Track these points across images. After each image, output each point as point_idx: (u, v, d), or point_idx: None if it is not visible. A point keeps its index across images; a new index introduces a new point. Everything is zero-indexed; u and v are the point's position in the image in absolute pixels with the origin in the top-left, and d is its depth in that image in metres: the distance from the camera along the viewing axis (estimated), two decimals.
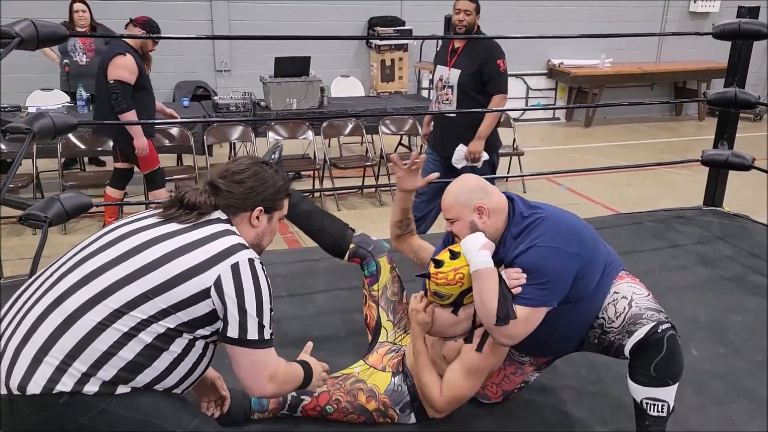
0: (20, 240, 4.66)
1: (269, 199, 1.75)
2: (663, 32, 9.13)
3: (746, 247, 3.55)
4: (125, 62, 4.20)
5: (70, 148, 5.17)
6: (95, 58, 5.96)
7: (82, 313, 1.49)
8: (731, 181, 4.15)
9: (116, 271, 1.54)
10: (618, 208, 5.35)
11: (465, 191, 2.00)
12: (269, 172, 1.77)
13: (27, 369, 1.46)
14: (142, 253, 1.57)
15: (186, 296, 1.53)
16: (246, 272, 1.58)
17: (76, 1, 5.82)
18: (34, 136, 2.51)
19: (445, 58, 3.99)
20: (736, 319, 2.83)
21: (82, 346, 1.47)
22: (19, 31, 2.35)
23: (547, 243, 1.90)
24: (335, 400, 2.07)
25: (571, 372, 2.41)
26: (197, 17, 7.22)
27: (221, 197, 1.69)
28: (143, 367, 1.52)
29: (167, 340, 1.54)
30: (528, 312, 1.88)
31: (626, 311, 1.95)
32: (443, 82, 3.98)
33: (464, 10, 3.86)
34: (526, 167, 6.22)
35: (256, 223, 1.74)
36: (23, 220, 2.60)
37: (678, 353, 1.89)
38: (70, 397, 1.46)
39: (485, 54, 3.87)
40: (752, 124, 9.17)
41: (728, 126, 4.00)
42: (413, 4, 8.03)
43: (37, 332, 1.49)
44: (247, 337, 1.57)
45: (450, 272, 1.95)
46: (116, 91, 4.16)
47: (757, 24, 3.52)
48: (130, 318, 1.50)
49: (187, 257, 1.56)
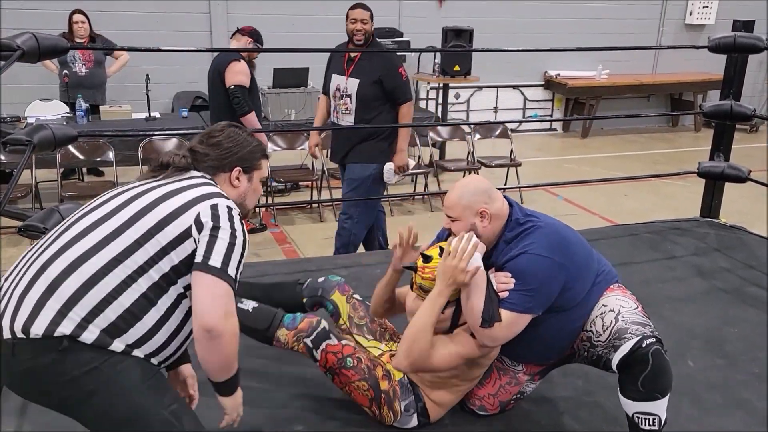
0: (18, 250, 4.65)
1: (246, 158, 1.83)
2: (659, 45, 9.20)
3: (742, 259, 3.56)
4: (241, 68, 4.42)
5: (69, 158, 5.18)
6: (94, 69, 6.00)
7: (83, 261, 1.57)
8: (728, 192, 4.17)
9: (111, 222, 1.62)
10: (615, 219, 5.37)
11: (470, 192, 2.01)
12: (243, 134, 1.86)
13: (31, 312, 1.52)
14: (132, 204, 1.65)
15: (172, 237, 1.61)
16: (224, 212, 1.66)
17: (76, 12, 5.85)
18: (34, 148, 2.52)
19: (342, 67, 3.93)
20: (733, 330, 2.84)
21: (83, 291, 1.54)
22: (20, 44, 2.36)
23: (538, 251, 1.93)
24: (357, 357, 2.09)
25: (567, 383, 2.41)
26: (196, 28, 7.25)
27: (200, 160, 1.79)
28: (136, 320, 1.57)
29: (158, 292, 1.60)
30: (512, 317, 1.91)
31: (612, 325, 1.97)
32: (341, 92, 3.94)
33: (361, 20, 3.84)
34: (523, 178, 6.24)
35: (236, 183, 1.82)
36: (22, 231, 2.60)
37: (664, 367, 1.89)
38: (69, 342, 1.51)
39: (385, 64, 3.86)
40: (748, 135, 9.21)
41: (724, 138, 4.02)
42: (411, 16, 8.07)
43: (41, 278, 1.56)
44: (209, 263, 1.60)
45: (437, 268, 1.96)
46: (237, 95, 4.37)
47: (752, 38, 3.56)
48: (126, 265, 1.57)
49: (170, 201, 1.65)
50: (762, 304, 3.07)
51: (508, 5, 8.43)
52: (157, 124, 5.70)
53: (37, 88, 6.34)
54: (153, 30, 7.02)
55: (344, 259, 3.60)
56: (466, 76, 7.00)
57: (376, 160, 3.96)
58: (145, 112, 5.79)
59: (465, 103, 8.76)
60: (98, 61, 6.05)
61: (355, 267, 3.35)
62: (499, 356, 2.15)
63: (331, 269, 3.30)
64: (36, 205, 5.06)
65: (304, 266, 3.40)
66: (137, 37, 6.74)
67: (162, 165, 1.78)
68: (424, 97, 8.37)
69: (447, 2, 8.24)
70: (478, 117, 8.78)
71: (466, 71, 6.92)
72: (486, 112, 8.87)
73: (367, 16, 3.85)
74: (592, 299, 2.04)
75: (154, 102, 5.98)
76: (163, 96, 7.15)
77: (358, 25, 3.84)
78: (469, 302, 1.91)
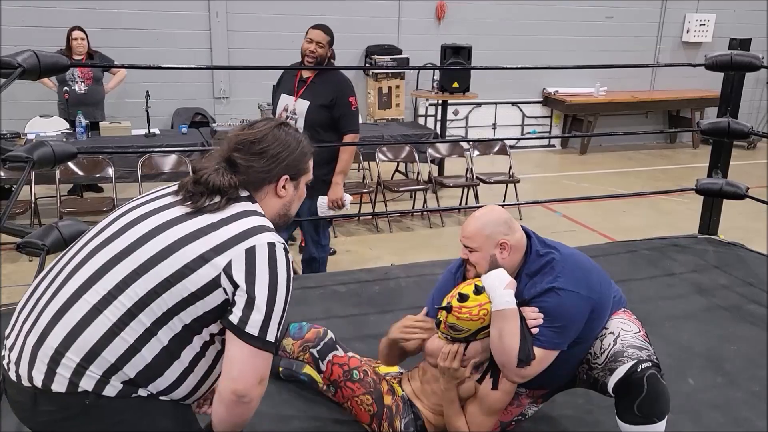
0: (16, 267, 4.64)
1: (293, 164, 1.59)
2: (656, 63, 9.25)
3: (742, 276, 3.56)
4: None
5: (69, 174, 5.18)
6: (93, 86, 6.03)
7: (99, 311, 1.42)
8: (726, 209, 4.17)
9: (127, 264, 1.44)
10: (613, 236, 5.37)
11: (491, 223, 1.97)
12: (290, 131, 1.61)
13: (49, 365, 1.41)
14: (153, 240, 1.45)
15: (195, 288, 1.41)
16: (262, 257, 1.44)
17: (75, 29, 5.88)
18: (34, 165, 2.52)
19: (292, 87, 3.75)
20: (733, 348, 2.83)
21: (101, 346, 1.41)
22: (21, 62, 2.38)
23: (566, 286, 1.92)
24: (363, 371, 2.07)
25: (568, 401, 2.40)
26: (196, 45, 7.29)
27: (241, 173, 1.53)
28: (159, 374, 1.45)
29: (181, 342, 1.45)
30: (542, 354, 1.91)
31: (610, 348, 1.96)
32: (288, 113, 3.74)
33: (317, 42, 3.64)
34: (521, 194, 6.25)
35: (282, 193, 1.60)
36: (21, 248, 2.60)
37: (660, 392, 1.87)
38: (92, 397, 1.41)
39: (338, 89, 3.71)
40: (746, 152, 9.24)
41: (722, 155, 4.04)
42: (410, 33, 8.13)
43: (55, 330, 1.43)
44: (246, 329, 1.42)
45: (475, 307, 1.92)
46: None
47: (748, 56, 3.58)
48: (145, 317, 1.41)
49: (197, 243, 1.43)
50: (761, 321, 3.06)
51: (506, 23, 8.50)
52: (156, 140, 5.71)
53: (36, 104, 6.37)
54: (153, 47, 7.07)
55: (343, 276, 3.58)
56: (465, 93, 7.03)
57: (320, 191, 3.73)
58: (145, 129, 5.81)
59: (464, 120, 8.79)
60: (97, 78, 6.08)
61: (354, 284, 3.34)
62: None
63: (330, 285, 3.30)
64: (35, 221, 5.06)
65: (302, 282, 3.39)
66: (137, 53, 6.78)
67: (197, 182, 1.51)
68: (423, 114, 8.41)
69: (445, 20, 8.30)
70: (476, 133, 8.81)
71: (464, 88, 6.95)
72: (485, 128, 8.90)
73: (325, 41, 3.66)
74: (601, 326, 2.03)
75: (154, 118, 6.00)
76: (162, 112, 7.18)
77: (313, 46, 3.65)
78: (503, 342, 1.89)
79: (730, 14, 9.40)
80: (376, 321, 2.89)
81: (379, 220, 5.83)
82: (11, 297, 3.60)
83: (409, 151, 6.09)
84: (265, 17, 7.53)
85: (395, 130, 6.75)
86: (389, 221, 5.81)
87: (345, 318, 2.96)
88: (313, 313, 3.02)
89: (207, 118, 7.31)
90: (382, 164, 6.05)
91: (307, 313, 3.02)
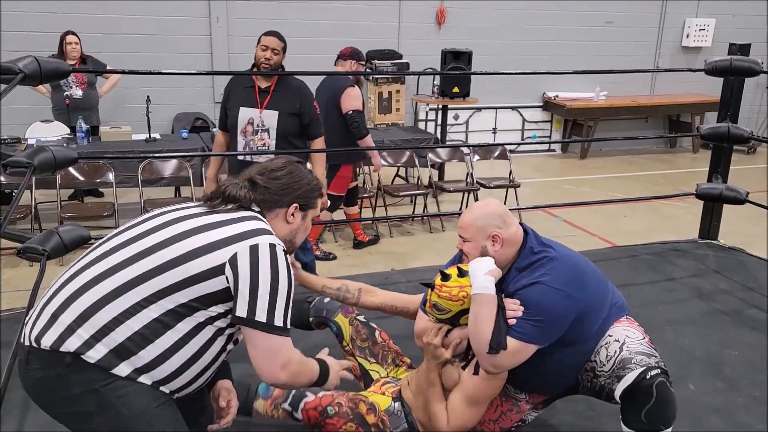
0: (16, 272, 4.65)
1: (304, 197, 1.80)
2: (656, 68, 9.26)
3: (742, 281, 3.56)
4: (357, 93, 4.72)
5: (69, 179, 5.19)
6: (88, 91, 6.03)
7: (101, 280, 1.56)
8: (726, 213, 4.18)
9: (139, 245, 1.60)
10: (614, 240, 5.37)
11: (485, 216, 2.01)
12: (304, 170, 1.83)
13: (45, 323, 1.55)
14: (165, 229, 1.62)
15: (199, 271, 1.55)
16: (265, 254, 1.58)
17: (69, 34, 5.88)
18: (35, 170, 2.53)
19: (251, 98, 3.59)
20: (733, 353, 2.83)
21: (94, 309, 1.53)
22: (22, 67, 2.38)
23: (552, 283, 1.91)
24: (337, 403, 2.08)
25: (568, 408, 2.40)
26: (197, 50, 7.31)
27: (258, 192, 1.74)
28: (147, 342, 1.53)
29: (176, 317, 1.55)
30: (518, 345, 1.90)
31: (617, 355, 1.94)
32: (255, 126, 3.60)
33: (272, 48, 3.57)
34: (522, 199, 6.25)
35: (291, 220, 1.78)
36: (22, 253, 2.60)
37: (669, 400, 1.86)
38: (73, 359, 1.50)
39: (302, 95, 3.65)
40: (746, 156, 9.25)
41: (722, 160, 4.05)
42: (410, 38, 8.14)
43: (61, 292, 1.58)
44: (255, 318, 1.56)
45: (455, 288, 1.97)
46: (356, 120, 4.65)
47: (748, 61, 3.59)
48: (142, 289, 1.54)
49: (207, 234, 1.59)
50: (762, 326, 3.06)
51: (506, 28, 8.51)
52: (157, 145, 5.72)
53: (35, 110, 6.36)
54: (154, 52, 7.08)
55: None
56: (465, 98, 7.04)
57: None
58: (145, 134, 5.81)
59: (464, 125, 8.80)
60: (91, 82, 6.09)
61: None
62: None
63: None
64: (35, 226, 5.06)
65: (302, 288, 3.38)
66: (138, 58, 6.79)
67: (219, 192, 1.73)
68: (423, 119, 8.42)
69: (446, 25, 8.32)
70: (477, 138, 8.82)
71: (465, 93, 6.96)
72: (485, 133, 8.91)
73: (280, 47, 3.58)
74: (601, 331, 2.02)
75: (155, 123, 6.00)
76: (163, 117, 7.19)
77: (268, 53, 3.56)
78: (477, 327, 1.90)
79: (729, 19, 9.41)
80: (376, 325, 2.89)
81: (379, 224, 5.83)
82: (11, 302, 3.60)
83: (409, 156, 6.10)
84: (266, 22, 7.50)
85: (396, 134, 6.76)
86: (389, 226, 5.81)
87: None
88: None
89: (207, 123, 7.31)
90: (382, 169, 6.05)
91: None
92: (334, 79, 4.81)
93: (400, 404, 2.13)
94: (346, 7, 7.79)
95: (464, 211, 2.05)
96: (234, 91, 3.69)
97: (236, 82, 3.71)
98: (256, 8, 7.43)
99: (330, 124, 4.64)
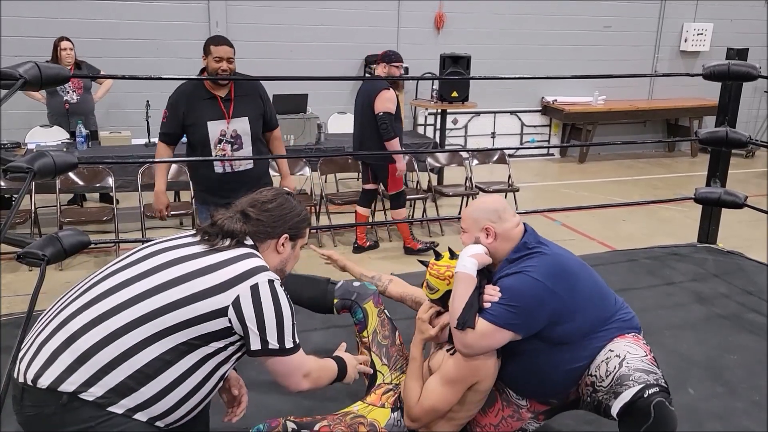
0: (15, 276, 4.64)
1: (294, 227, 1.88)
2: (654, 72, 9.29)
3: (741, 285, 3.57)
4: (390, 96, 4.86)
5: (69, 184, 5.19)
6: (84, 96, 6.04)
7: (104, 319, 1.59)
8: (725, 217, 4.18)
9: (140, 285, 1.64)
10: (613, 245, 5.37)
11: (481, 209, 2.11)
12: (294, 202, 1.92)
13: (44, 362, 1.56)
14: (167, 270, 1.67)
15: (202, 313, 1.62)
16: (266, 293, 1.68)
17: (63, 40, 5.89)
18: (35, 175, 2.53)
19: (217, 110, 3.45)
20: (733, 357, 2.83)
21: (97, 348, 1.55)
22: (22, 73, 2.39)
23: (532, 274, 1.95)
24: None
25: (569, 413, 2.39)
26: (196, 55, 7.27)
27: (251, 224, 1.81)
28: (148, 379, 1.57)
29: (177, 354, 1.60)
30: (489, 328, 1.92)
31: (616, 371, 1.91)
32: (226, 138, 3.47)
33: (227, 58, 3.43)
34: (520, 203, 6.25)
35: (281, 250, 1.86)
36: (21, 258, 2.60)
37: (668, 419, 1.81)
38: (70, 398, 1.52)
39: (261, 92, 3.60)
40: (744, 160, 9.27)
41: (720, 164, 4.05)
42: (409, 43, 8.16)
43: (61, 331, 1.59)
44: (269, 347, 1.69)
45: (443, 267, 2.09)
46: (385, 122, 4.80)
47: (746, 65, 3.60)
48: (145, 329, 1.58)
49: (209, 277, 1.65)
50: (761, 330, 3.06)
51: (504, 32, 8.54)
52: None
53: (34, 114, 6.36)
54: (153, 56, 7.09)
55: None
56: (464, 102, 7.05)
57: None
58: (145, 138, 5.82)
59: (463, 129, 8.82)
60: (86, 87, 6.10)
61: None
62: (504, 388, 2.15)
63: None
64: (35, 231, 5.06)
65: None
66: (137, 63, 6.81)
67: (213, 225, 1.77)
68: (422, 123, 8.43)
69: (444, 29, 8.34)
70: (475, 142, 8.83)
71: (463, 97, 6.97)
72: (484, 137, 8.93)
73: (233, 54, 3.46)
74: (598, 341, 1.99)
75: (154, 128, 5.99)
76: None
77: (224, 64, 3.42)
78: (453, 305, 1.99)
79: (727, 23, 9.45)
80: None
81: (378, 229, 5.83)
82: (11, 307, 3.60)
83: (408, 160, 6.10)
84: (265, 27, 7.56)
85: None
86: (389, 230, 5.81)
87: (345, 328, 2.95)
88: (313, 323, 3.02)
89: None
90: None
91: (307, 323, 3.02)
92: (371, 82, 5.05)
93: (399, 412, 2.13)
94: (344, 12, 7.81)
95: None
96: (191, 105, 3.47)
97: (189, 95, 3.49)
98: (255, 13, 7.45)
99: (366, 126, 4.96)
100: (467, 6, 8.32)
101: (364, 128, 5.01)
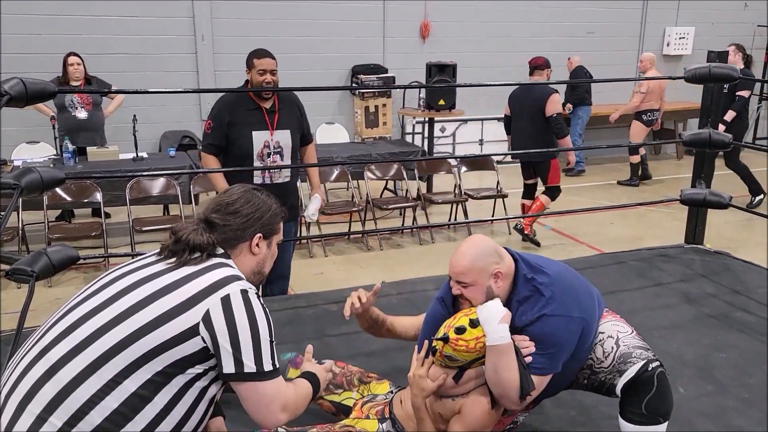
0: (5, 294, 4.61)
1: (267, 224, 1.72)
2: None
3: (728, 284, 3.60)
4: (558, 98, 5.49)
5: (57, 200, 5.17)
6: (93, 112, 6.00)
7: (64, 363, 1.45)
8: (711, 218, 4.22)
9: (101, 317, 1.49)
10: (602, 248, 5.41)
11: (482, 256, 1.95)
12: (261, 196, 1.75)
13: (12, 416, 1.44)
14: (129, 294, 1.52)
15: (172, 335, 1.46)
16: (238, 304, 1.52)
17: (71, 55, 5.89)
18: (22, 192, 2.52)
19: (262, 121, 3.46)
20: (722, 356, 2.86)
21: (65, 394, 1.42)
22: (8, 89, 2.39)
23: (556, 312, 1.94)
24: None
25: (561, 414, 2.41)
26: (183, 68, 7.32)
27: (218, 232, 1.65)
28: (126, 420, 1.44)
29: (154, 388, 1.46)
30: (538, 380, 1.94)
31: (614, 351, 2.00)
32: (270, 149, 3.51)
33: (270, 71, 3.41)
34: (510, 209, 6.29)
35: (256, 251, 1.70)
36: (10, 275, 2.59)
37: (668, 390, 1.93)
38: None
39: (299, 107, 3.65)
40: None
41: (705, 165, 4.09)
42: (395, 52, 8.21)
43: (24, 379, 1.47)
44: (245, 371, 1.50)
45: (471, 341, 1.93)
46: (559, 122, 5.36)
47: (726, 68, 3.65)
48: (114, 364, 1.44)
49: (174, 294, 1.50)
50: (749, 329, 3.09)
51: (489, 40, 8.60)
52: (144, 164, 5.72)
53: (21, 131, 6.35)
54: (140, 71, 7.09)
55: (335, 294, 3.58)
56: (451, 110, 7.08)
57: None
58: (133, 152, 5.81)
59: (451, 137, 8.85)
60: (96, 103, 6.06)
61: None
62: None
63: (322, 304, 3.30)
64: (23, 248, 5.04)
65: (294, 302, 3.39)
66: (123, 77, 6.79)
67: (178, 242, 1.61)
68: (410, 132, 8.46)
69: (430, 38, 8.39)
70: (464, 149, 8.87)
71: (450, 105, 7.00)
72: (472, 144, 8.97)
73: (276, 65, 3.46)
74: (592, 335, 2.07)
75: (142, 142, 6.01)
76: (150, 136, 7.19)
77: (268, 76, 3.40)
78: (501, 376, 1.89)
79: (708, 27, 9.56)
80: (368, 339, 2.88)
81: (369, 238, 5.84)
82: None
83: (397, 169, 6.13)
84: (251, 39, 7.52)
85: (383, 148, 6.79)
86: (379, 239, 5.82)
87: (337, 337, 2.96)
88: (305, 332, 3.03)
89: (195, 140, 7.31)
90: (370, 182, 6.08)
91: (299, 332, 3.02)
92: (535, 88, 5.48)
93: (389, 423, 2.12)
94: (330, 23, 7.85)
95: (455, 256, 1.98)
96: (235, 115, 3.45)
97: (235, 104, 3.47)
98: (241, 26, 7.46)
99: (535, 127, 5.45)
100: (452, 14, 8.38)
101: (533, 128, 5.46)
